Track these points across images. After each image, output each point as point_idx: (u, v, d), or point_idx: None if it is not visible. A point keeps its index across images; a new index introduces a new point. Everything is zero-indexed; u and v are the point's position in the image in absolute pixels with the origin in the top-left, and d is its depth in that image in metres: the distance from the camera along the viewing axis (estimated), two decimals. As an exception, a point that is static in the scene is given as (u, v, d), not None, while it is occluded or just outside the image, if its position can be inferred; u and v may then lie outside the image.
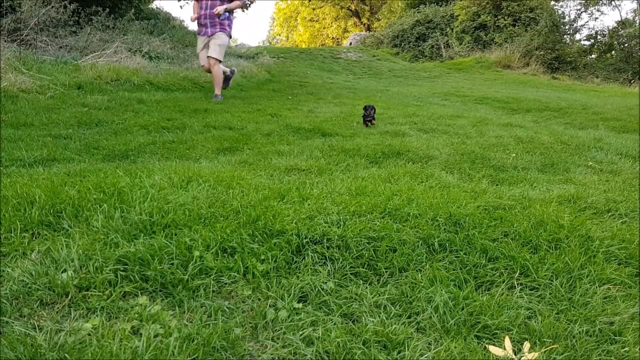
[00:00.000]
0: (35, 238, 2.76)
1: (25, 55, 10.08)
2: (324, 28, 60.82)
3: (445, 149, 6.55)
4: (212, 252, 2.65)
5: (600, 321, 2.28)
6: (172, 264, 2.51)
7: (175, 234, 2.79)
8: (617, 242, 2.96)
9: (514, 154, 6.35)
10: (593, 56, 28.13)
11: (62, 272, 2.39)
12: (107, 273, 2.39)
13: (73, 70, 10.22)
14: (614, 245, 2.92)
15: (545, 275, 2.62)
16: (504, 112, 11.56)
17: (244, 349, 2.05)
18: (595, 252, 2.86)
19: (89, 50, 12.20)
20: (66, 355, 1.81)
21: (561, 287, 2.54)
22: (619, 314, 2.34)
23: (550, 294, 2.50)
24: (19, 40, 11.35)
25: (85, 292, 2.29)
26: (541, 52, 25.00)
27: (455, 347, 1.99)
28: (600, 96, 16.31)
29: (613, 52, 27.56)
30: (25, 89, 8.57)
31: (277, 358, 2.00)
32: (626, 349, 2.12)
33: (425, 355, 2.00)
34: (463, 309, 2.33)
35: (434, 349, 2.04)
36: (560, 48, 25.71)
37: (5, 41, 10.85)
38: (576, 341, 2.15)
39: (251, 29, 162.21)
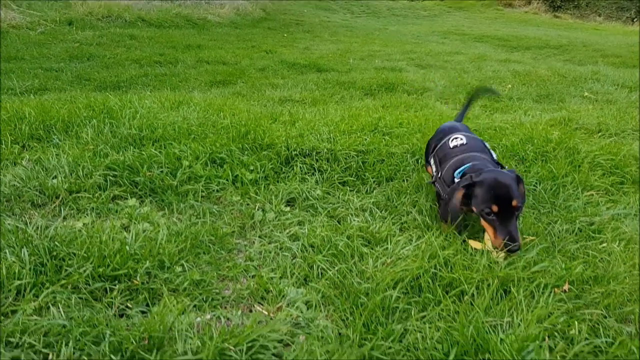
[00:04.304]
0: (26, 150, 2.79)
1: (13, -8, 9.82)
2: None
3: (442, 81, 6.50)
4: (201, 163, 2.67)
5: (580, 221, 2.33)
6: (162, 171, 2.54)
7: (165, 147, 2.81)
8: (603, 154, 2.99)
9: (510, 86, 6.30)
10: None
11: (52, 178, 2.42)
12: (96, 177, 2.42)
13: (63, 7, 10.00)
14: (600, 156, 2.95)
15: (529, 182, 2.66)
16: (503, 50, 11.40)
17: (232, 244, 2.10)
18: (581, 162, 2.89)
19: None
20: (56, 243, 1.86)
21: (544, 192, 2.58)
22: (599, 216, 2.39)
23: (533, 198, 2.54)
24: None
25: (76, 195, 2.33)
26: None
27: (435, 240, 2.04)
28: (601, 34, 16.03)
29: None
30: (15, 25, 8.41)
31: (263, 251, 2.06)
32: (604, 244, 2.17)
33: (407, 248, 2.05)
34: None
35: (415, 243, 2.09)
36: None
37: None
38: (555, 238, 2.20)
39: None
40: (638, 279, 1.93)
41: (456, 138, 2.35)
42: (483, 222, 1.97)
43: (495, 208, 1.89)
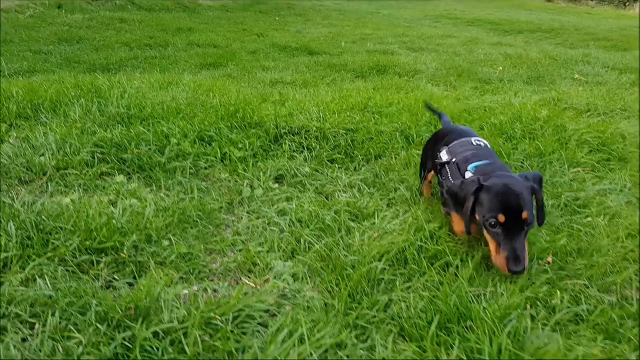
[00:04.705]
0: (14, 128, 2.77)
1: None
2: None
3: (433, 64, 6.49)
4: (190, 141, 2.67)
5: (566, 197, 2.35)
6: (150, 149, 2.54)
7: (153, 125, 2.80)
8: (591, 132, 3.01)
9: (501, 68, 6.30)
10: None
11: (40, 156, 2.41)
12: (84, 155, 2.42)
13: (52, -10, 9.87)
14: (588, 134, 2.97)
15: (517, 158, 2.68)
16: (495, 34, 11.36)
17: (220, 220, 2.11)
18: (568, 140, 2.91)
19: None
20: (43, 218, 1.86)
21: (531, 169, 2.60)
22: (585, 191, 2.41)
23: (520, 175, 2.56)
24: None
25: (64, 172, 2.32)
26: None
27: (421, 213, 2.06)
28: (594, 18, 16.01)
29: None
30: (3, 9, 8.31)
31: (251, 227, 2.07)
32: (589, 219, 2.20)
33: (394, 222, 2.07)
34: (432, 187, 2.39)
35: (402, 217, 2.11)
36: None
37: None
38: (541, 213, 2.22)
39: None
40: (622, 251, 1.96)
41: (479, 141, 2.12)
42: (486, 234, 1.73)
43: (502, 218, 1.65)
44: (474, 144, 2.09)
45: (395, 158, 2.73)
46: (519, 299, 1.61)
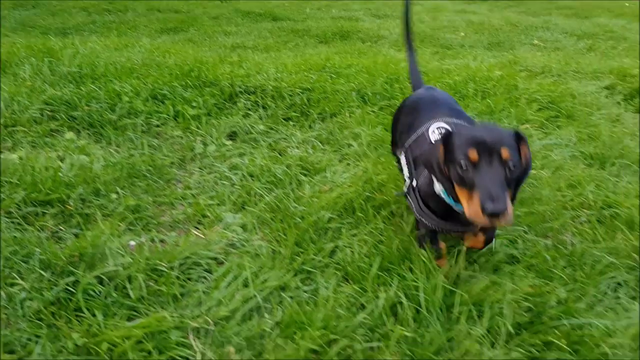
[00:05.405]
0: (-42, 87, 2.69)
1: None
2: None
3: (396, 29, 6.49)
4: (142, 99, 2.64)
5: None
6: (101, 106, 2.50)
7: (105, 84, 2.75)
8: (541, 90, 3.08)
9: (462, 34, 6.35)
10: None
11: (-15, 114, 2.36)
12: (33, 112, 2.37)
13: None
14: (538, 93, 3.04)
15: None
16: (460, 2, 11.39)
17: (171, 175, 2.11)
18: (519, 98, 2.98)
19: None
20: (-13, 172, 1.84)
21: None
22: (531, 146, 2.48)
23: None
24: None
25: (12, 129, 2.28)
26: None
27: (370, 166, 2.10)
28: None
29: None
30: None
31: (203, 181, 2.07)
32: (533, 171, 2.27)
33: (344, 175, 2.10)
34: (385, 143, 2.43)
35: (352, 170, 2.15)
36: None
37: None
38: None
39: None
40: (561, 200, 2.04)
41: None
42: (458, 190, 1.32)
43: (473, 155, 1.26)
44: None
45: (351, 116, 2.76)
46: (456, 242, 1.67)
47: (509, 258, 1.67)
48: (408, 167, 1.64)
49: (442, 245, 1.61)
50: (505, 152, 1.26)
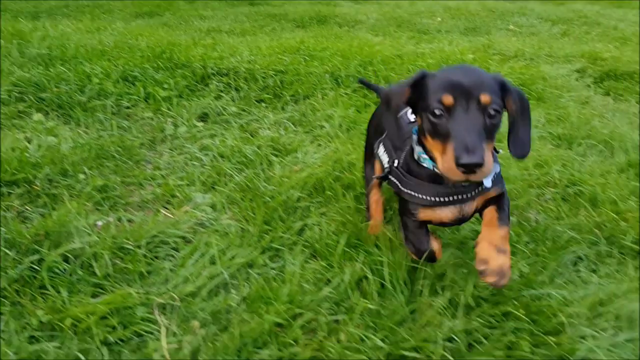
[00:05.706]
0: None
1: None
2: None
3: (374, 14, 6.49)
4: (113, 80, 2.61)
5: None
6: (70, 88, 2.47)
7: (75, 65, 2.72)
8: (513, 73, 3.12)
9: (439, 19, 6.37)
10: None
11: (-50, 95, 2.32)
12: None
13: None
14: (509, 75, 3.07)
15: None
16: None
17: (141, 156, 2.10)
18: (490, 80, 3.01)
19: None
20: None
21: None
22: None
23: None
24: None
25: (-24, 111, 2.24)
26: None
27: (340, 147, 2.11)
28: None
29: None
30: None
31: (173, 162, 2.07)
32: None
33: (316, 156, 2.11)
34: (357, 124, 2.44)
35: (323, 151, 2.16)
36: None
37: None
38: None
39: None
40: (528, 179, 2.08)
41: None
42: (432, 143, 1.19)
43: (448, 100, 1.12)
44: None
45: (323, 98, 2.76)
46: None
47: (474, 234, 1.70)
48: (388, 154, 1.47)
49: (436, 245, 1.38)
50: (484, 97, 1.11)
